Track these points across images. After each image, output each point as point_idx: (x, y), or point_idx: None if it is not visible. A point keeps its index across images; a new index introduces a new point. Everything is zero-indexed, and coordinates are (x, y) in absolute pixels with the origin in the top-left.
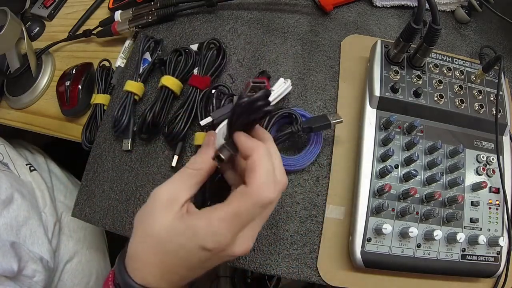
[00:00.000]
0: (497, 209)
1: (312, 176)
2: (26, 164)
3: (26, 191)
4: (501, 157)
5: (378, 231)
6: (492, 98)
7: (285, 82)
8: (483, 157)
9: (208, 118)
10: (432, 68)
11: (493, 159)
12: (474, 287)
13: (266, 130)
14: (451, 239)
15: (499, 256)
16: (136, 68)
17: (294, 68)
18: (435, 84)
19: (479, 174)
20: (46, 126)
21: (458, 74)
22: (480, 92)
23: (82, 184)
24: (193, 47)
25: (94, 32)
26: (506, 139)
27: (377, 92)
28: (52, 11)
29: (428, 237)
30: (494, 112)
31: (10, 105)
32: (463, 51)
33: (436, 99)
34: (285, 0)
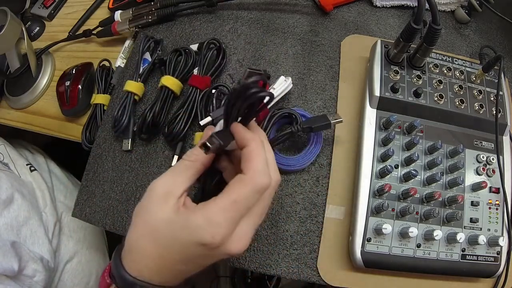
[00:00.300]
0: (497, 209)
1: (312, 176)
2: (27, 164)
3: (27, 191)
4: (501, 157)
5: (378, 231)
6: (492, 98)
7: (286, 80)
8: (483, 157)
9: (208, 118)
10: (432, 68)
11: (493, 159)
12: (474, 287)
13: (266, 130)
14: (451, 239)
15: (499, 256)
16: (136, 68)
17: (294, 68)
18: (435, 84)
19: (479, 174)
20: (46, 126)
21: (458, 74)
22: (480, 92)
23: (82, 184)
24: (193, 47)
25: (94, 32)
26: (506, 139)
27: (377, 92)
28: (52, 11)
29: (428, 237)
30: (494, 112)
31: (10, 105)
32: (463, 51)
33: (436, 99)
34: (285, 0)
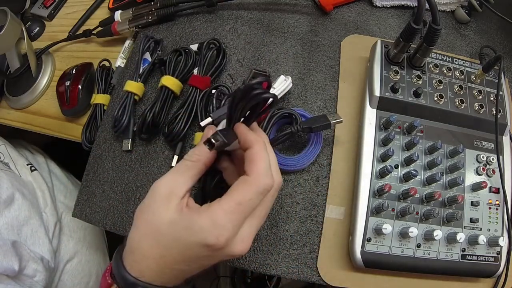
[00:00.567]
0: (497, 209)
1: (312, 176)
2: (27, 164)
3: (27, 191)
4: (501, 157)
5: (378, 231)
6: (492, 98)
7: (286, 80)
8: (483, 157)
9: (208, 119)
10: (432, 68)
11: (493, 159)
12: (474, 287)
13: (266, 130)
14: (451, 239)
15: (499, 256)
16: (136, 68)
17: (294, 68)
18: (435, 84)
19: (479, 174)
20: (46, 126)
21: (458, 74)
22: (480, 92)
23: (83, 184)
24: (193, 47)
25: (94, 32)
26: (506, 139)
27: (377, 92)
28: (52, 11)
29: (428, 237)
30: (494, 112)
31: (10, 105)
32: (463, 51)
33: (436, 99)
34: (285, 0)
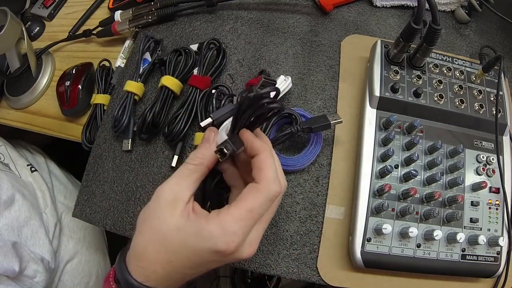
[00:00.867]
0: (497, 209)
1: (312, 176)
2: (27, 165)
3: (27, 192)
4: (501, 157)
5: (378, 231)
6: (492, 98)
7: (286, 80)
8: (483, 157)
9: (208, 119)
10: (432, 68)
11: (493, 159)
12: (474, 287)
13: (266, 130)
14: (451, 239)
15: (499, 256)
16: (136, 68)
17: (294, 68)
18: (435, 84)
19: (479, 174)
20: (46, 126)
21: (458, 74)
22: (480, 92)
23: (83, 185)
24: (193, 47)
25: (94, 32)
26: (506, 139)
27: (377, 92)
28: (52, 11)
29: (428, 237)
30: (494, 112)
31: (10, 105)
32: (463, 51)
33: (436, 99)
34: (285, 0)
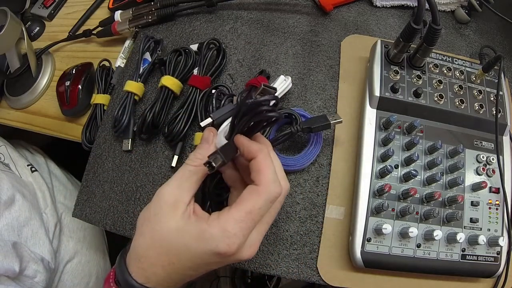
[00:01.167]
0: (497, 209)
1: (312, 176)
2: (28, 165)
3: (27, 192)
4: (501, 157)
5: (378, 231)
6: (492, 98)
7: (286, 80)
8: (483, 157)
9: (208, 119)
10: (432, 68)
11: (493, 159)
12: (474, 287)
13: (267, 131)
14: (451, 239)
15: (499, 256)
16: (136, 68)
17: (294, 68)
18: (435, 84)
19: (479, 174)
20: (46, 126)
21: (458, 74)
22: (480, 92)
23: (83, 185)
24: (193, 47)
25: (94, 32)
26: (506, 139)
27: (377, 92)
28: (52, 11)
29: (428, 237)
30: (494, 112)
31: (10, 105)
32: (463, 51)
33: (436, 99)
34: (285, 0)
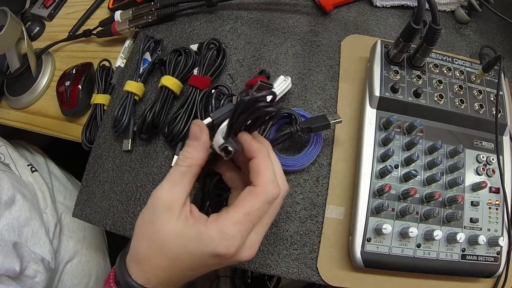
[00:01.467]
0: (497, 209)
1: (312, 176)
2: (28, 165)
3: (28, 192)
4: (501, 157)
5: (378, 231)
6: (492, 98)
7: (286, 80)
8: (483, 157)
9: (208, 119)
10: (432, 68)
11: (493, 159)
12: (474, 287)
13: (266, 131)
14: (451, 239)
15: (499, 256)
16: (136, 68)
17: (294, 68)
18: (435, 84)
19: (479, 174)
20: (46, 126)
21: (458, 74)
22: (480, 92)
23: (83, 185)
24: (193, 47)
25: (94, 32)
26: (506, 139)
27: (377, 92)
28: (52, 11)
29: (428, 237)
30: (494, 112)
31: (10, 105)
32: (463, 51)
33: (436, 99)
34: (285, 0)
